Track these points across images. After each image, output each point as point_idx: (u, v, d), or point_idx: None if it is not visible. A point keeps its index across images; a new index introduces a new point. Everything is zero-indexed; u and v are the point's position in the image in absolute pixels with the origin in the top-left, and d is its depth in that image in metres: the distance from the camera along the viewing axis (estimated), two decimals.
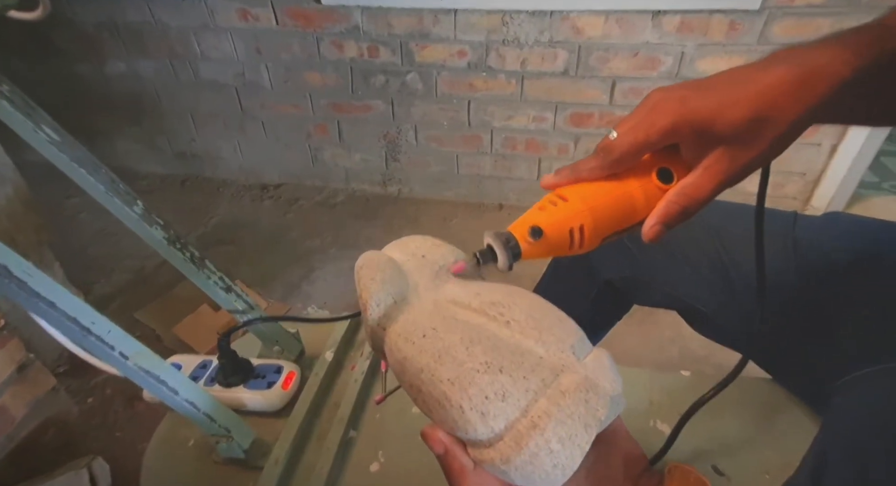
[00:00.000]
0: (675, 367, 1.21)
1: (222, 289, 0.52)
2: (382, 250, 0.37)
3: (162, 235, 0.49)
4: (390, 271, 0.32)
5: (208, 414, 0.46)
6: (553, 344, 0.28)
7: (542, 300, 0.31)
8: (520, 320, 0.29)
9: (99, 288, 1.46)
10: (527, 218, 0.32)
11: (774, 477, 0.48)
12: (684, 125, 0.29)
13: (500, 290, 0.31)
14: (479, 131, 1.66)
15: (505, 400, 0.25)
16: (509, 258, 0.31)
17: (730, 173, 0.30)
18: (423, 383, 0.27)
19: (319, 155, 1.87)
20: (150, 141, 2.01)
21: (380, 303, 0.32)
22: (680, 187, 0.32)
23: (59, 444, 1.03)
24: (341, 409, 0.54)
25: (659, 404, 0.56)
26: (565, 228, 0.32)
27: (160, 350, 1.26)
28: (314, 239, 1.69)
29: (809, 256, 0.50)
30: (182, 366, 0.56)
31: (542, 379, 0.26)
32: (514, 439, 0.25)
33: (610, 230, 0.33)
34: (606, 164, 0.32)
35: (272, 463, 0.49)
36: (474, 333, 0.28)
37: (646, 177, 0.33)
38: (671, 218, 0.32)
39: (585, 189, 0.33)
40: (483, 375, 0.26)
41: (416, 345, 0.28)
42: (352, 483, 0.49)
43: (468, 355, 0.26)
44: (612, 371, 0.28)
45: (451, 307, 0.30)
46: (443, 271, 0.34)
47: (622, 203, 0.33)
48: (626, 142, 0.31)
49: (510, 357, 0.27)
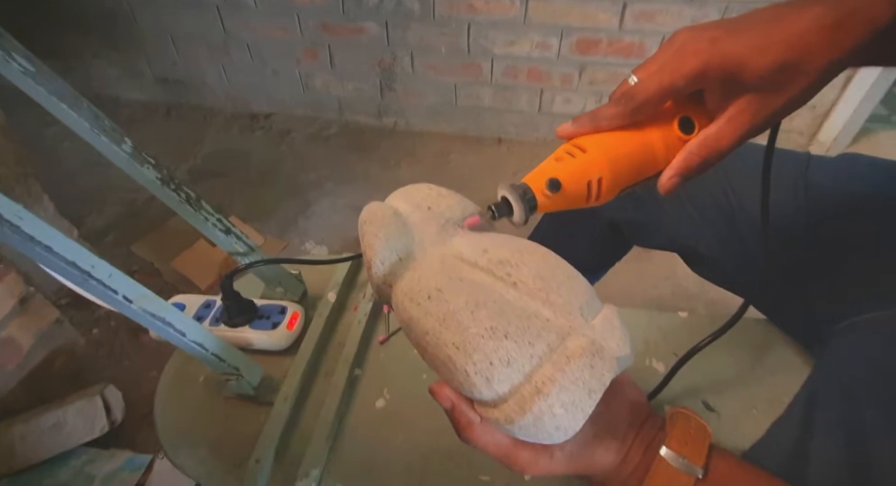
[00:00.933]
0: (667, 304, 1.25)
1: (221, 231, 0.51)
2: (388, 199, 0.35)
3: (154, 175, 0.46)
4: (394, 227, 0.31)
5: (216, 354, 0.46)
6: (561, 306, 0.27)
7: (551, 256, 0.30)
8: (527, 280, 0.28)
9: (91, 221, 1.44)
10: (543, 169, 0.31)
11: (762, 412, 0.51)
12: (714, 69, 0.27)
13: (508, 245, 0.30)
14: (478, 59, 1.57)
15: (510, 366, 0.25)
16: (526, 212, 0.30)
17: (755, 123, 0.29)
18: (429, 345, 0.27)
19: (310, 83, 1.77)
20: (129, 65, 1.88)
21: (384, 261, 0.31)
22: (702, 138, 0.30)
23: (69, 373, 1.07)
24: (346, 348, 0.55)
25: (655, 344, 0.58)
26: (584, 180, 0.30)
27: (160, 284, 1.27)
28: (309, 173, 1.65)
29: (821, 199, 0.50)
30: (185, 306, 0.57)
31: (548, 344, 0.26)
32: (518, 403, 0.25)
33: (628, 183, 0.32)
34: (628, 111, 0.30)
35: (282, 399, 0.50)
36: (480, 295, 0.27)
37: (667, 126, 0.32)
38: (691, 170, 0.31)
39: (604, 139, 0.31)
40: (488, 341, 0.25)
41: (421, 307, 0.28)
42: (359, 418, 0.51)
43: (473, 320, 0.26)
44: (621, 331, 0.27)
45: (457, 265, 0.29)
46: (449, 224, 0.32)
47: (642, 154, 0.32)
48: (650, 87, 0.29)
49: (516, 322, 0.26)
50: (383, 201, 0.35)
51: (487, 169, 1.65)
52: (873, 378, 0.37)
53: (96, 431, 0.91)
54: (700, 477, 0.27)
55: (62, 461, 0.91)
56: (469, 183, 1.59)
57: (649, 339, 0.59)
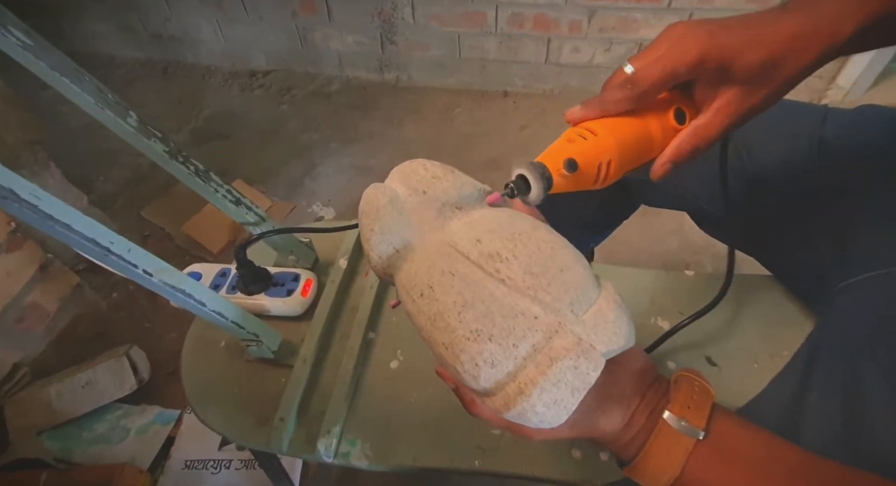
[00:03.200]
0: (674, 258, 1.26)
1: (231, 202, 0.51)
2: (388, 178, 0.35)
3: (162, 148, 0.46)
4: (389, 219, 0.31)
5: (236, 322, 0.48)
6: (550, 303, 0.27)
7: (548, 242, 0.30)
8: (516, 277, 0.28)
9: (100, 186, 1.45)
10: (558, 150, 0.31)
11: (762, 367, 0.52)
12: (711, 60, 0.30)
13: (503, 232, 0.30)
14: (482, 7, 1.50)
15: (494, 367, 0.26)
16: (544, 191, 0.30)
17: (739, 114, 0.32)
18: (425, 339, 0.29)
19: (308, 36, 1.71)
20: (120, 20, 1.82)
21: (381, 255, 0.31)
22: (693, 128, 0.33)
23: (93, 335, 1.12)
24: (359, 313, 0.57)
25: (661, 303, 0.59)
26: (595, 162, 0.31)
27: (172, 249, 1.30)
28: (312, 132, 1.63)
29: (835, 154, 0.49)
30: (202, 275, 0.58)
31: (533, 345, 0.26)
32: (504, 399, 0.27)
33: (630, 166, 0.33)
34: (634, 96, 0.31)
35: (301, 362, 0.53)
36: (468, 293, 0.28)
37: (664, 115, 0.34)
38: (682, 157, 0.34)
39: (612, 124, 0.32)
40: (472, 343, 0.26)
41: (415, 304, 0.29)
42: (375, 378, 0.54)
43: (459, 322, 0.27)
44: (615, 325, 0.28)
45: (451, 255, 0.30)
46: (447, 208, 0.33)
47: (643, 140, 0.33)
48: (654, 73, 0.31)
49: (501, 322, 0.27)
50: (383, 182, 0.35)
51: (494, 124, 1.61)
52: (873, 336, 0.39)
53: (126, 388, 0.97)
54: (701, 438, 0.29)
55: (98, 415, 0.97)
56: (475, 140, 1.56)
57: (655, 299, 0.60)
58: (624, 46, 1.51)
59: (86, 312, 1.14)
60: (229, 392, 0.54)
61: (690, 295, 0.60)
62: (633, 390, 0.31)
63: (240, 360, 0.56)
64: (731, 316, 0.57)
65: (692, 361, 0.54)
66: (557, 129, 1.26)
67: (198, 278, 0.58)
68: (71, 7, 1.81)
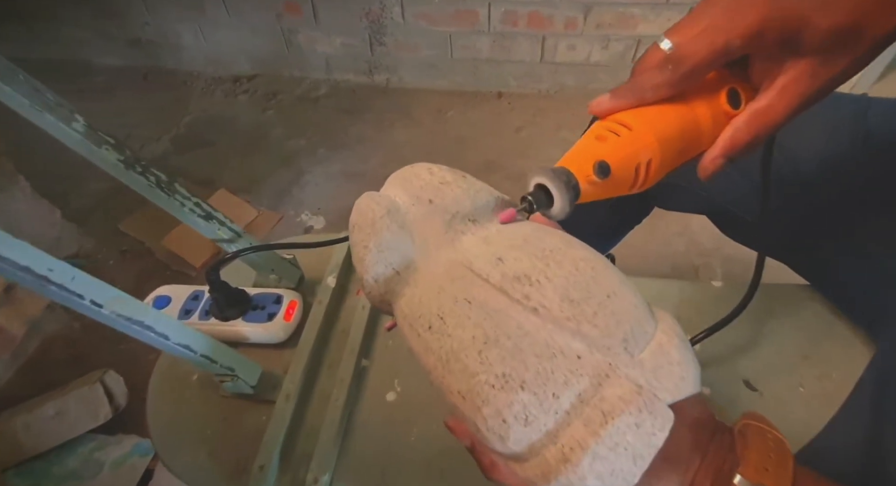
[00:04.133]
0: (682, 261, 1.20)
1: (201, 217, 0.45)
2: (385, 186, 0.29)
3: (115, 156, 0.40)
4: (387, 234, 0.25)
5: (207, 356, 0.42)
6: (597, 338, 0.21)
7: (586, 260, 0.23)
8: (552, 304, 0.22)
9: (74, 199, 1.37)
10: (585, 150, 0.25)
11: (810, 391, 0.46)
12: (773, 28, 0.24)
13: (529, 249, 0.24)
14: (474, 5, 1.44)
15: (528, 425, 0.20)
16: (570, 203, 0.24)
17: (810, 93, 0.26)
18: (434, 385, 0.22)
19: (294, 39, 1.65)
20: (97, 26, 1.75)
21: (378, 277, 0.25)
22: (751, 113, 0.26)
23: (68, 359, 1.04)
24: (351, 337, 0.50)
25: (687, 318, 0.53)
26: (632, 163, 0.25)
27: (152, 264, 1.22)
28: (299, 138, 1.56)
29: (885, 150, 0.43)
30: (171, 299, 0.51)
31: (579, 394, 0.20)
32: (541, 468, 0.20)
33: (674, 165, 0.27)
34: (676, 79, 0.25)
35: (284, 398, 0.46)
36: (491, 326, 0.21)
37: (713, 99, 0.27)
38: (739, 149, 0.27)
39: (649, 114, 0.26)
40: (500, 392, 0.20)
41: (421, 339, 0.23)
42: (369, 413, 0.47)
43: (481, 364, 0.21)
44: (681, 366, 0.22)
45: (466, 278, 0.23)
46: (457, 220, 0.26)
47: (689, 132, 0.27)
48: (701, 49, 0.24)
49: (536, 364, 0.20)
50: (378, 191, 0.29)
51: (488, 126, 1.56)
52: None
53: (100, 418, 0.89)
54: None
55: (70, 448, 0.89)
56: (469, 143, 1.50)
57: (680, 312, 0.54)
58: (622, 43, 1.46)
59: (58, 334, 1.06)
60: (202, 434, 0.47)
61: (719, 309, 0.54)
62: (692, 447, 0.25)
63: (215, 395, 0.49)
64: (766, 332, 0.51)
65: (729, 386, 0.48)
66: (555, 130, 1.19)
67: (166, 304, 0.51)
68: (45, 13, 1.73)
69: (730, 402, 0.47)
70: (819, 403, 0.45)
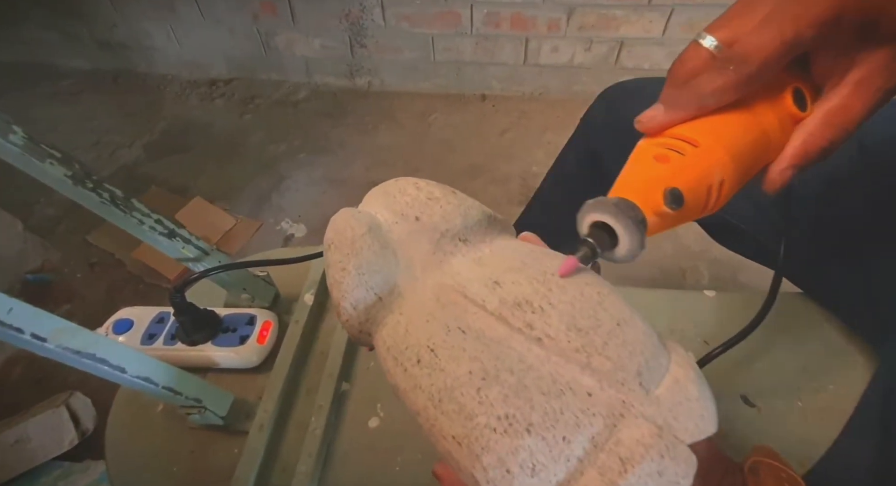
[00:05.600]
0: (669, 264, 1.19)
1: (163, 234, 0.41)
2: (364, 201, 0.26)
3: (62, 172, 0.36)
4: (369, 254, 0.22)
5: (170, 388, 0.38)
6: (609, 372, 0.19)
7: (594, 287, 0.21)
8: (558, 334, 0.19)
9: (39, 210, 1.31)
10: (647, 176, 0.22)
11: (807, 405, 0.45)
12: (851, 12, 0.20)
13: (529, 272, 0.21)
14: (456, 6, 1.42)
15: (535, 475, 0.17)
16: (640, 244, 0.21)
17: (887, 88, 0.22)
18: (423, 429, 0.19)
19: (271, 41, 1.60)
20: (63, 27, 1.68)
21: (357, 304, 0.22)
22: (825, 113, 0.23)
23: (32, 381, 0.98)
24: (330, 359, 0.47)
25: (682, 330, 0.51)
26: (705, 185, 0.22)
27: (124, 277, 1.17)
28: (279, 143, 1.51)
29: (883, 156, 0.42)
30: (133, 322, 0.48)
31: (592, 438, 0.18)
32: None
33: (743, 182, 0.23)
34: (742, 80, 0.21)
35: (257, 428, 0.43)
36: (490, 359, 0.19)
37: (779, 101, 0.24)
38: (811, 157, 0.24)
39: (713, 126, 0.22)
40: (502, 437, 0.17)
41: (408, 374, 0.20)
42: (350, 441, 0.44)
43: (479, 404, 0.18)
44: (700, 402, 0.19)
45: (458, 304, 0.21)
46: (446, 239, 0.24)
47: (759, 142, 0.23)
48: (766, 42, 0.21)
49: (543, 404, 0.18)
50: (357, 207, 0.26)
51: (473, 129, 1.53)
52: None
53: (65, 444, 0.84)
54: None
55: (32, 478, 0.84)
56: (453, 146, 1.48)
57: (675, 324, 0.52)
58: (605, 45, 1.45)
59: (20, 353, 1.00)
60: (167, 471, 0.43)
61: (714, 320, 0.53)
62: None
63: (182, 427, 0.45)
64: (761, 343, 0.49)
65: (727, 401, 0.45)
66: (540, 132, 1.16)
67: (128, 328, 0.47)
68: (7, 14, 1.66)
69: (727, 420, 0.45)
70: (817, 418, 0.43)
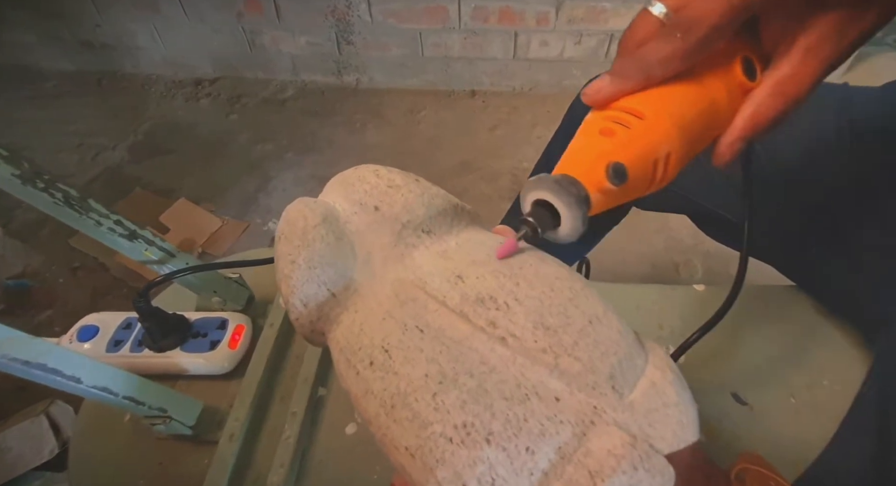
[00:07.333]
0: (661, 259, 1.18)
1: (123, 236, 0.39)
2: (324, 191, 0.25)
3: (9, 171, 0.34)
4: (321, 246, 0.20)
5: (131, 397, 0.36)
6: (579, 374, 0.17)
7: (564, 282, 0.20)
8: (524, 333, 0.18)
9: (21, 214, 1.28)
10: (590, 150, 0.20)
11: (801, 402, 0.43)
12: None
13: (495, 267, 0.20)
14: (444, 1, 1.40)
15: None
16: (582, 222, 0.19)
17: (839, 53, 0.22)
18: (376, 438, 0.18)
19: (257, 39, 1.58)
20: (44, 29, 1.65)
21: (308, 300, 0.20)
22: (774, 83, 0.22)
23: (12, 389, 0.96)
24: (305, 364, 0.45)
25: (671, 327, 0.50)
26: (649, 159, 0.20)
27: (107, 281, 1.14)
28: (266, 143, 1.49)
29: (870, 140, 0.40)
30: (99, 329, 0.45)
31: (559, 448, 0.16)
32: None
33: (692, 156, 0.22)
34: (690, 48, 0.20)
35: (227, 437, 0.41)
36: (448, 360, 0.17)
37: (728, 71, 0.22)
38: (761, 128, 0.23)
39: (659, 97, 0.21)
40: (459, 448, 0.16)
41: (360, 377, 0.18)
42: (326, 449, 0.42)
43: (435, 411, 0.16)
44: (679, 408, 0.18)
45: (417, 300, 0.19)
46: (408, 231, 0.22)
47: (707, 114, 0.22)
48: (715, 8, 0.20)
49: (505, 410, 0.16)
50: (316, 197, 0.24)
51: (462, 125, 1.51)
52: None
53: (45, 454, 0.82)
54: None
55: None
56: (443, 143, 1.46)
57: (664, 320, 0.50)
58: (594, 39, 1.43)
59: None
60: (134, 484, 0.41)
61: (704, 314, 0.51)
62: None
63: (151, 438, 0.43)
64: (752, 338, 0.48)
65: (717, 399, 0.44)
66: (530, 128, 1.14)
67: (93, 335, 0.45)
68: None
69: (717, 419, 0.43)
70: (810, 414, 0.42)
